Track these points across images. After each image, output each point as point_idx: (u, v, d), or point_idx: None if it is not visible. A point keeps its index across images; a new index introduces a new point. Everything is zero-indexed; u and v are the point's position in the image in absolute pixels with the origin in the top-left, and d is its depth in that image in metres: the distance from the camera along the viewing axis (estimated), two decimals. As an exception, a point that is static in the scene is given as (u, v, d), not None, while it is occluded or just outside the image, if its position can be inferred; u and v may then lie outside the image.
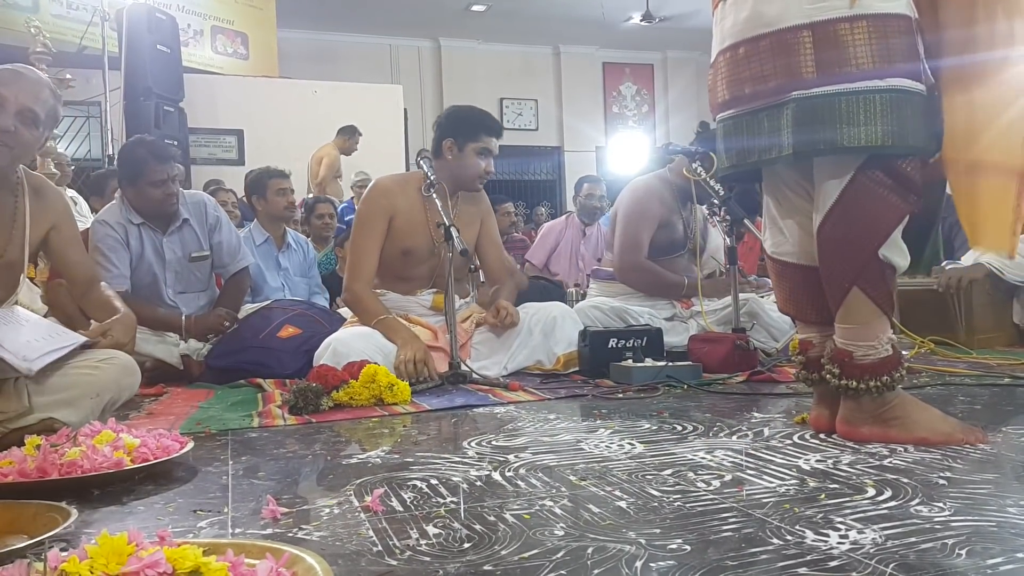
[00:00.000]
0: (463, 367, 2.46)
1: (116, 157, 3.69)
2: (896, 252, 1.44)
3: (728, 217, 2.74)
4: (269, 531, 1.09)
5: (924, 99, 1.42)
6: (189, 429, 1.89)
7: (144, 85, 5.62)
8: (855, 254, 1.43)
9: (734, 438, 1.57)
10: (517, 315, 2.69)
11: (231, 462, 1.54)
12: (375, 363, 2.23)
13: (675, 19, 9.48)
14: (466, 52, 10.20)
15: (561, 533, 1.02)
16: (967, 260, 3.15)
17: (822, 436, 1.55)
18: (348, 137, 6.85)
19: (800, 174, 1.57)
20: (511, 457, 1.46)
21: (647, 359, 2.44)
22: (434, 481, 1.31)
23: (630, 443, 1.56)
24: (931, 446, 1.40)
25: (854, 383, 1.46)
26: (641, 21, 9.16)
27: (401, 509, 1.16)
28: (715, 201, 2.76)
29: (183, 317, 2.97)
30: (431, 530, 1.05)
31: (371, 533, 1.05)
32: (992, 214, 1.40)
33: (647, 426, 1.74)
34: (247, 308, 3.14)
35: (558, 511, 1.12)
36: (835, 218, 1.44)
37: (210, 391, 2.62)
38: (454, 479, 1.32)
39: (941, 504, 1.08)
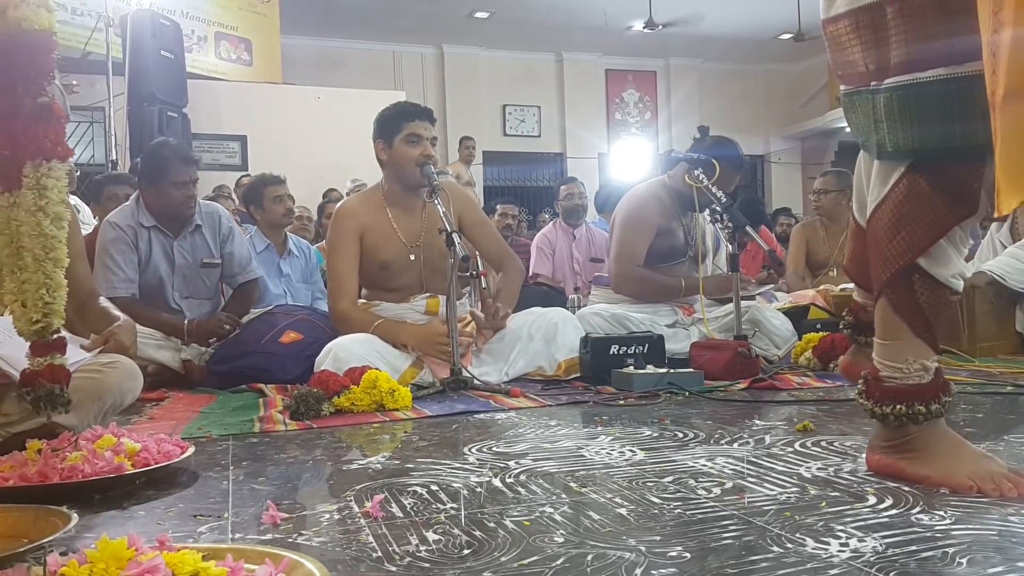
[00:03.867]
0: (464, 373, 2.46)
1: (133, 160, 3.70)
2: (942, 264, 1.23)
3: (730, 224, 2.73)
4: (269, 536, 1.09)
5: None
6: (191, 434, 1.89)
7: (148, 91, 5.64)
8: (888, 261, 1.25)
9: (735, 445, 1.57)
10: (503, 320, 2.70)
11: (232, 467, 1.54)
12: (376, 368, 2.23)
13: (678, 26, 9.50)
14: (469, 59, 10.22)
15: (561, 540, 1.02)
16: (969, 268, 3.15)
17: (823, 444, 1.55)
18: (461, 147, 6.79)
19: None
20: (511, 463, 1.46)
21: (648, 366, 2.44)
22: (434, 487, 1.31)
23: (631, 450, 1.55)
24: (938, 488, 1.20)
25: (870, 405, 1.29)
26: (644, 28, 9.18)
27: (401, 515, 1.16)
28: (716, 208, 2.76)
29: (185, 321, 2.98)
30: (431, 536, 1.05)
31: (371, 539, 1.05)
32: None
33: (648, 433, 1.73)
34: (250, 313, 3.15)
35: (558, 518, 1.11)
36: (878, 215, 1.27)
37: (212, 396, 2.62)
38: (454, 485, 1.32)
39: (942, 512, 1.08)
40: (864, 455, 1.35)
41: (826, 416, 1.86)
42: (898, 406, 1.25)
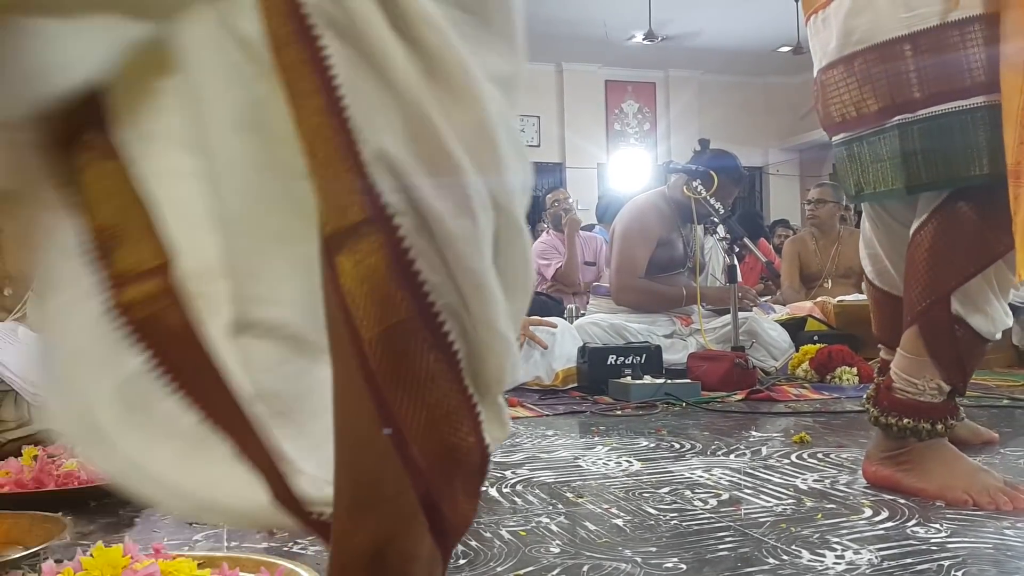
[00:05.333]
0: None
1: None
2: (976, 310, 1.20)
3: (728, 236, 2.74)
4: (264, 545, 1.09)
5: None
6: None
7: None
8: (926, 290, 1.22)
9: (732, 457, 1.57)
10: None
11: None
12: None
13: (678, 38, 9.55)
14: (469, 68, 10.23)
15: (557, 550, 1.02)
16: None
17: (820, 455, 1.55)
18: None
19: (907, 205, 1.34)
20: (508, 473, 1.46)
21: (646, 376, 2.45)
22: (431, 496, 1.30)
23: (628, 460, 1.55)
24: (934, 500, 1.20)
25: (876, 412, 1.29)
26: (644, 40, 9.22)
27: (397, 524, 1.16)
28: (715, 219, 2.77)
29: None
30: (427, 546, 1.05)
31: (367, 548, 1.05)
32: None
33: (645, 443, 1.73)
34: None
35: (554, 528, 1.11)
36: (918, 240, 1.25)
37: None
38: (451, 495, 1.31)
39: (938, 525, 1.08)
40: (860, 467, 1.36)
41: (823, 428, 1.87)
42: (905, 419, 1.24)
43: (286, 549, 1.06)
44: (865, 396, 1.34)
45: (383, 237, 0.47)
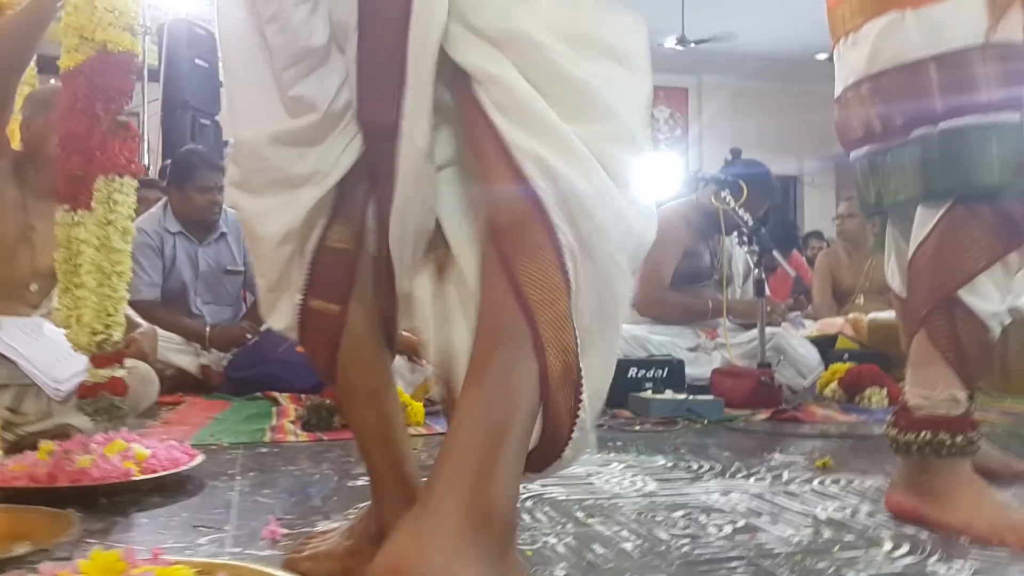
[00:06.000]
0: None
1: (164, 166, 3.75)
2: (984, 299, 1.24)
3: (757, 247, 2.69)
4: (267, 552, 1.08)
5: None
6: (202, 441, 1.89)
7: (181, 98, 5.71)
8: (931, 291, 1.26)
9: (751, 480, 1.53)
10: None
11: (239, 477, 1.53)
12: (392, 382, 2.22)
13: (711, 43, 9.44)
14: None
15: (562, 573, 0.99)
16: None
17: (843, 482, 1.51)
18: None
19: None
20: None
21: (667, 391, 2.40)
22: (439, 509, 1.28)
23: (643, 479, 1.52)
24: (958, 535, 1.15)
25: (894, 433, 1.26)
26: (676, 44, 9.14)
27: (402, 538, 1.14)
28: (744, 231, 2.72)
29: (207, 327, 3.00)
30: (430, 563, 1.02)
31: (369, 562, 1.03)
32: None
33: (662, 462, 1.70)
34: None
35: (561, 549, 1.09)
36: (921, 252, 1.30)
37: (227, 402, 2.63)
38: (459, 509, 1.29)
39: (960, 563, 1.03)
40: (884, 496, 1.31)
41: (848, 453, 1.81)
42: (923, 433, 1.22)
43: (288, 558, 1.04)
44: (886, 422, 1.32)
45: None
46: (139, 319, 2.15)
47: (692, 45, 9.09)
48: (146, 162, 5.65)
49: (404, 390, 2.29)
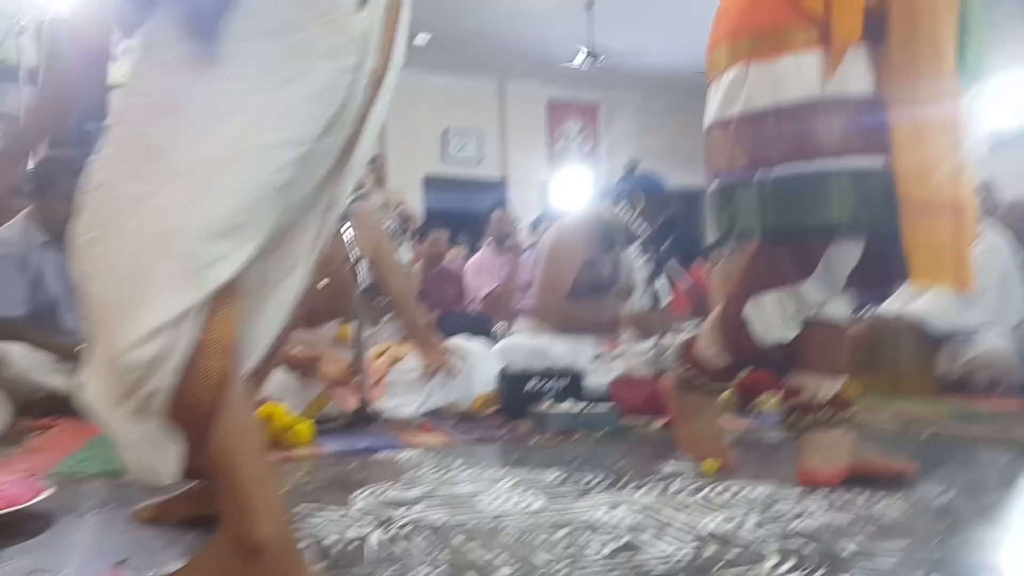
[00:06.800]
0: (371, 408, 2.33)
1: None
2: (760, 318, 1.56)
3: (654, 259, 2.69)
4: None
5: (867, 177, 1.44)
6: (67, 469, 1.74)
7: (67, 101, 5.39)
8: (733, 291, 1.63)
9: (640, 491, 1.49)
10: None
11: (95, 512, 1.40)
12: (277, 401, 2.10)
13: (620, 59, 9.60)
14: (410, 82, 10.13)
15: (428, 608, 0.91)
16: (895, 304, 3.16)
17: (733, 490, 1.48)
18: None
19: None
20: (399, 512, 1.35)
21: (567, 401, 2.36)
22: (303, 543, 1.18)
23: (532, 495, 1.46)
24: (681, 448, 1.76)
25: (682, 369, 1.77)
26: (586, 59, 9.24)
27: (259, 575, 1.03)
28: (640, 242, 2.71)
29: (81, 346, 2.79)
30: (282, 604, 0.93)
31: (213, 607, 0.93)
32: (929, 248, 1.41)
33: (553, 476, 1.64)
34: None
35: (431, 580, 1.01)
36: (736, 261, 1.69)
37: (102, 426, 2.44)
38: (327, 541, 1.19)
39: (844, 576, 1.01)
40: (773, 505, 1.29)
41: (740, 459, 1.79)
42: (690, 371, 1.72)
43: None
44: (679, 344, 1.85)
45: None
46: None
47: (601, 60, 9.22)
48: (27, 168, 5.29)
49: (294, 408, 2.18)
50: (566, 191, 10.47)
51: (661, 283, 2.85)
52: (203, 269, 0.86)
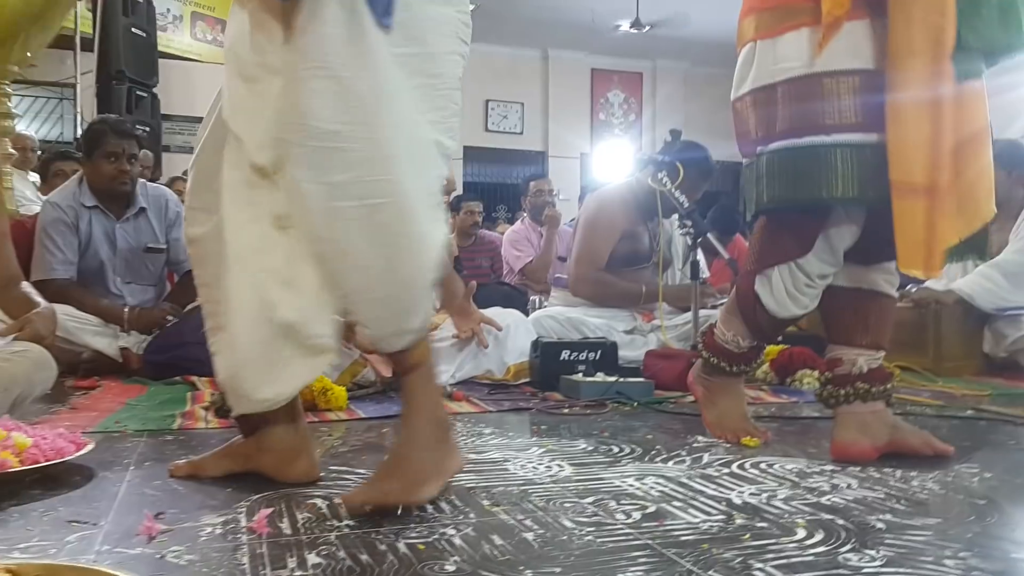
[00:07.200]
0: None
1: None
2: (769, 293, 1.58)
3: (692, 230, 2.65)
4: (139, 550, 0.99)
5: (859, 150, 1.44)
6: (107, 427, 1.79)
7: (117, 68, 5.47)
8: (747, 264, 1.65)
9: (670, 464, 1.48)
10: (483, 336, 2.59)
11: (132, 468, 1.43)
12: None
13: (665, 27, 9.43)
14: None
15: (452, 568, 0.92)
16: (939, 284, 3.08)
17: (763, 466, 1.47)
18: None
19: None
20: (428, 475, 1.36)
21: (599, 373, 2.35)
22: (337, 500, 1.20)
23: (559, 464, 1.46)
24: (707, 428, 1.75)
25: (702, 347, 1.79)
26: (631, 28, 9.10)
27: (289, 532, 1.06)
28: (680, 213, 2.67)
29: (126, 309, 2.85)
30: (311, 559, 0.95)
31: (245, 560, 0.95)
32: (909, 233, 1.41)
33: (583, 446, 1.64)
34: (195, 302, 3.03)
35: (457, 541, 1.02)
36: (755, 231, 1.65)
37: (144, 387, 2.51)
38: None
39: (873, 552, 0.99)
40: (803, 480, 1.28)
41: (774, 435, 1.77)
42: (713, 358, 1.73)
43: (159, 557, 0.96)
44: (701, 331, 1.81)
45: None
46: (38, 298, 2.01)
47: (646, 29, 9.07)
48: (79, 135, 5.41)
49: (328, 374, 2.20)
50: (608, 163, 10.38)
51: (700, 256, 2.81)
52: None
